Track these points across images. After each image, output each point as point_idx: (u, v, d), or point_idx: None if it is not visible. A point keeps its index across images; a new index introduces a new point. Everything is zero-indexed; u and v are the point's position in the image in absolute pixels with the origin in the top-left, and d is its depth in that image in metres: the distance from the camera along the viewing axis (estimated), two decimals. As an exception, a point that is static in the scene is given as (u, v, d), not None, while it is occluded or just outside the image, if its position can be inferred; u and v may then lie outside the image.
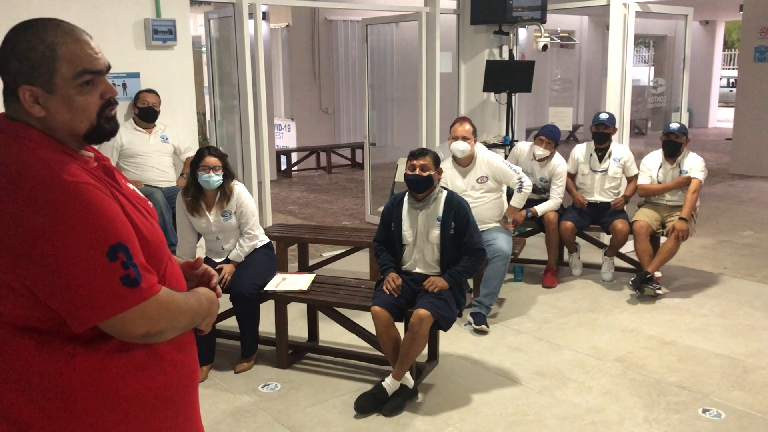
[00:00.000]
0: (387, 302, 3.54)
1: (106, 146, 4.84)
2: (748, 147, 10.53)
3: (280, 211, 8.36)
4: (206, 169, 3.81)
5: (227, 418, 3.38)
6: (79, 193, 1.28)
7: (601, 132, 5.31)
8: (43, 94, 1.37)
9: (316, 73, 11.71)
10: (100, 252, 1.27)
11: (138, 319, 1.31)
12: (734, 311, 4.76)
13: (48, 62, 1.36)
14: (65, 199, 1.27)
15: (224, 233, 3.97)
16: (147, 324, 1.33)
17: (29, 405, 1.33)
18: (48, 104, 1.37)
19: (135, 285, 1.30)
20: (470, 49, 6.90)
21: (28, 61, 1.35)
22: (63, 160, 1.33)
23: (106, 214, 1.30)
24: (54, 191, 1.27)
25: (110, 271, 1.28)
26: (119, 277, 1.28)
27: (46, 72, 1.36)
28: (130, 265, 1.30)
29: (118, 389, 1.37)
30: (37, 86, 1.36)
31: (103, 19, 4.76)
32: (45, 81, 1.36)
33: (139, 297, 1.31)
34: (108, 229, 1.29)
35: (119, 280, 1.28)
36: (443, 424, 3.32)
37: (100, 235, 1.28)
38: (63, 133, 1.40)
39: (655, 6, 6.05)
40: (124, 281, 1.29)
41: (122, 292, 1.29)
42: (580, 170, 5.45)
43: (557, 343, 4.26)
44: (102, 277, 1.27)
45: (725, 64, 24.86)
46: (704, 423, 3.30)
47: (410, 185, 3.67)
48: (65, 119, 1.39)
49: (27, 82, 1.36)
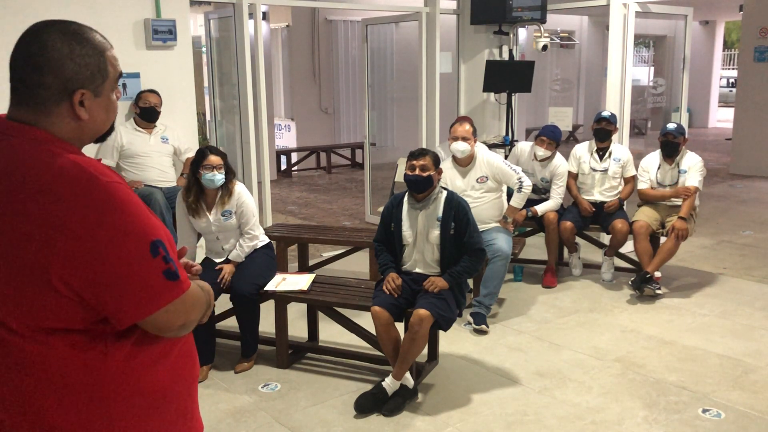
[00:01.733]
0: (387, 302, 3.54)
1: (107, 146, 4.84)
2: (748, 147, 10.53)
3: (280, 211, 8.36)
4: (209, 168, 3.81)
5: (227, 418, 3.38)
6: (117, 193, 1.30)
7: (602, 128, 5.32)
8: (90, 98, 1.38)
9: (316, 73, 11.71)
10: (144, 248, 1.30)
11: (179, 311, 1.36)
12: (734, 311, 4.76)
13: (103, 66, 1.38)
14: (106, 199, 1.28)
15: (224, 233, 3.97)
16: (185, 315, 1.38)
17: (62, 407, 1.34)
18: (92, 107, 1.39)
19: (176, 278, 1.34)
20: (470, 49, 6.91)
21: (87, 66, 1.36)
22: (91, 162, 1.34)
23: (142, 212, 1.33)
24: (95, 192, 1.28)
25: (154, 266, 1.31)
26: (162, 271, 1.32)
27: (101, 76, 1.39)
28: (169, 259, 1.33)
29: (143, 381, 1.41)
30: (89, 90, 1.37)
31: (103, 19, 4.76)
32: (97, 85, 1.39)
33: (180, 289, 1.35)
34: (147, 226, 1.32)
35: (162, 274, 1.32)
36: (443, 424, 3.32)
37: (141, 232, 1.30)
38: (90, 136, 1.43)
39: (655, 6, 6.05)
40: (167, 275, 1.33)
41: (167, 285, 1.33)
42: (581, 169, 5.45)
43: (557, 343, 4.26)
44: (148, 273, 1.31)
45: (725, 64, 24.87)
46: (704, 423, 3.30)
47: (410, 185, 3.67)
48: (102, 121, 1.43)
49: (83, 86, 1.36)
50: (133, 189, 5.27)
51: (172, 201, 4.80)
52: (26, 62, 1.34)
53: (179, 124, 5.23)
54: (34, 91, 1.34)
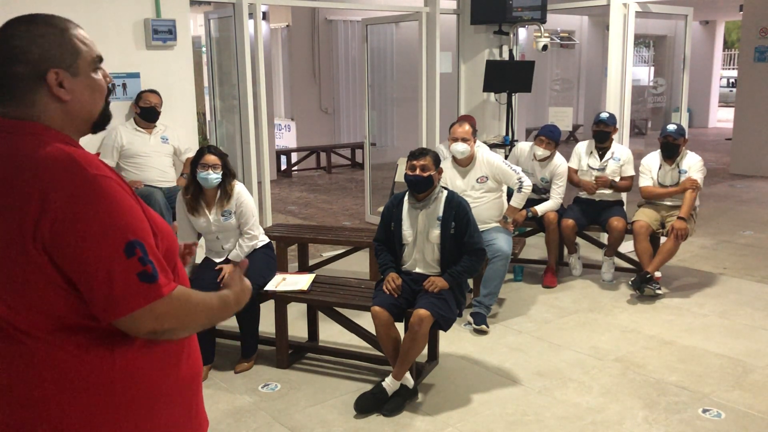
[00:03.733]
0: (387, 302, 3.54)
1: (107, 146, 4.84)
2: (748, 147, 10.52)
3: (280, 211, 8.36)
4: (205, 167, 3.81)
5: (227, 418, 3.38)
6: (101, 186, 1.28)
7: (601, 130, 5.32)
8: (68, 78, 1.37)
9: (316, 73, 11.71)
10: (117, 247, 1.27)
11: (147, 316, 1.30)
12: (734, 311, 4.76)
13: (70, 45, 1.37)
14: (89, 191, 1.27)
15: (224, 233, 3.97)
16: (154, 322, 1.32)
17: (72, 405, 1.34)
18: (72, 87, 1.38)
19: (152, 281, 1.30)
20: (470, 49, 6.90)
21: (50, 45, 1.35)
22: (85, 154, 1.34)
23: (125, 209, 1.30)
24: (79, 182, 1.28)
25: (128, 266, 1.28)
26: (136, 273, 1.28)
27: (70, 55, 1.37)
28: (147, 261, 1.29)
29: (153, 379, 1.40)
30: (62, 69, 1.36)
31: (103, 19, 4.76)
32: (69, 64, 1.37)
33: (156, 293, 1.30)
34: (126, 225, 1.29)
35: (136, 276, 1.28)
36: (443, 424, 3.32)
37: (117, 230, 1.28)
38: (82, 120, 1.42)
39: (655, 6, 6.04)
40: (141, 277, 1.29)
41: (139, 288, 1.29)
42: (580, 167, 5.46)
43: (557, 343, 4.26)
44: (120, 273, 1.27)
45: (725, 64, 24.87)
46: (704, 423, 3.30)
47: (410, 185, 3.67)
48: (87, 101, 1.41)
49: (54, 66, 1.35)
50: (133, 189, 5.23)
51: (172, 201, 4.79)
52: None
53: (179, 124, 5.23)
54: (10, 86, 1.35)
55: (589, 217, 5.40)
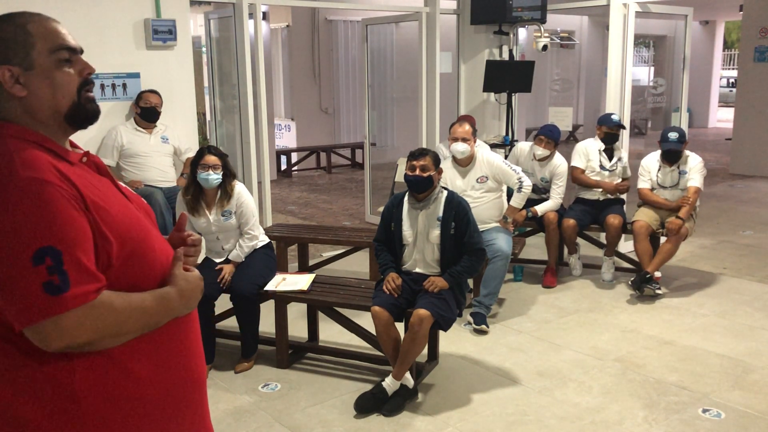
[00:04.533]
0: (387, 302, 3.54)
1: (107, 146, 4.84)
2: (748, 147, 10.52)
3: (280, 211, 8.36)
4: (205, 167, 3.81)
5: (227, 418, 3.38)
6: (26, 190, 1.22)
7: (614, 133, 5.41)
8: (23, 73, 1.35)
9: (316, 73, 11.71)
10: (24, 254, 1.19)
11: (51, 330, 1.21)
12: (734, 311, 4.76)
13: (22, 39, 1.34)
14: (8, 195, 1.22)
15: (224, 233, 3.97)
16: (63, 336, 1.22)
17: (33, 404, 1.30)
18: (28, 82, 1.35)
19: (58, 293, 1.19)
20: (470, 49, 6.90)
21: (5, 43, 1.34)
22: (33, 155, 1.28)
23: (51, 215, 1.21)
24: (3, 186, 1.23)
25: (32, 275, 1.19)
26: (41, 282, 1.19)
27: (22, 49, 1.35)
28: (56, 270, 1.19)
29: (121, 390, 1.35)
30: (14, 65, 1.34)
31: (103, 19, 4.76)
32: (22, 58, 1.35)
33: (59, 306, 1.20)
34: (41, 231, 1.20)
35: (41, 286, 1.19)
36: (443, 424, 3.32)
37: (30, 236, 1.19)
38: (46, 115, 1.37)
39: (655, 6, 6.04)
40: (46, 287, 1.19)
41: (41, 300, 1.19)
42: (590, 167, 5.47)
43: (557, 343, 4.26)
44: (22, 281, 1.19)
45: (725, 64, 24.86)
46: (704, 423, 3.30)
47: (410, 186, 3.67)
48: (47, 96, 1.36)
49: (4, 62, 1.34)
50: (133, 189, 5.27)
51: (172, 201, 4.80)
52: None
53: (179, 124, 5.23)
54: None
55: (591, 216, 5.41)
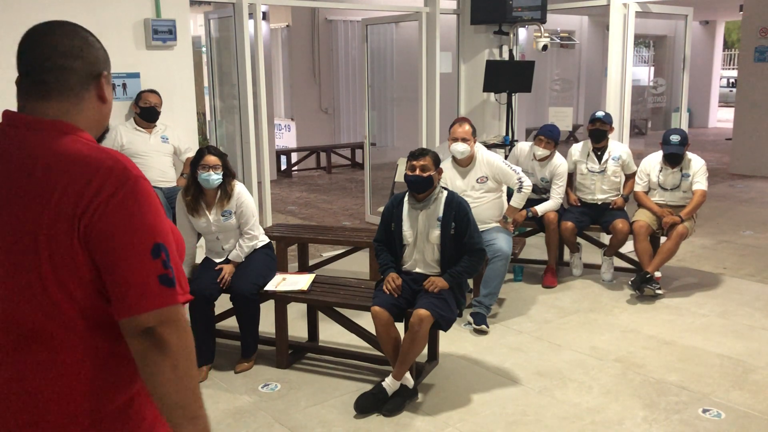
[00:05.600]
0: (387, 302, 3.54)
1: (106, 146, 4.83)
2: (748, 147, 10.52)
3: (280, 211, 8.36)
4: (206, 168, 3.81)
5: (227, 418, 3.38)
6: (141, 188, 1.34)
7: (597, 129, 5.31)
8: (107, 82, 1.49)
9: (316, 73, 11.71)
10: (146, 247, 1.31)
11: (154, 318, 1.31)
12: (734, 311, 4.76)
13: (105, 55, 1.48)
14: (131, 192, 1.32)
15: (224, 233, 3.97)
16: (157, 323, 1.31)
17: None
18: (108, 92, 1.49)
19: (171, 285, 1.32)
20: (470, 49, 6.90)
21: (98, 51, 1.45)
22: (124, 156, 1.40)
23: (157, 212, 1.35)
24: (125, 184, 1.32)
25: (152, 267, 1.31)
26: (158, 275, 1.31)
27: (106, 64, 1.49)
28: (168, 265, 1.33)
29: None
30: (107, 73, 1.48)
31: (103, 19, 4.75)
32: (109, 71, 1.50)
33: (172, 298, 1.32)
34: (156, 227, 1.33)
35: (157, 278, 1.31)
36: (443, 424, 3.32)
37: (149, 231, 1.32)
38: (102, 125, 1.51)
39: (655, 6, 6.05)
40: (162, 280, 1.31)
41: (158, 290, 1.31)
42: (579, 170, 5.44)
43: (557, 343, 4.26)
44: (143, 272, 1.30)
45: (725, 64, 24.87)
46: (704, 423, 3.30)
47: (410, 186, 3.67)
48: (111, 108, 1.52)
49: (105, 69, 1.47)
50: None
51: (172, 201, 4.79)
52: (51, 53, 1.39)
53: (179, 124, 5.23)
54: (63, 79, 1.40)
55: (590, 217, 5.40)
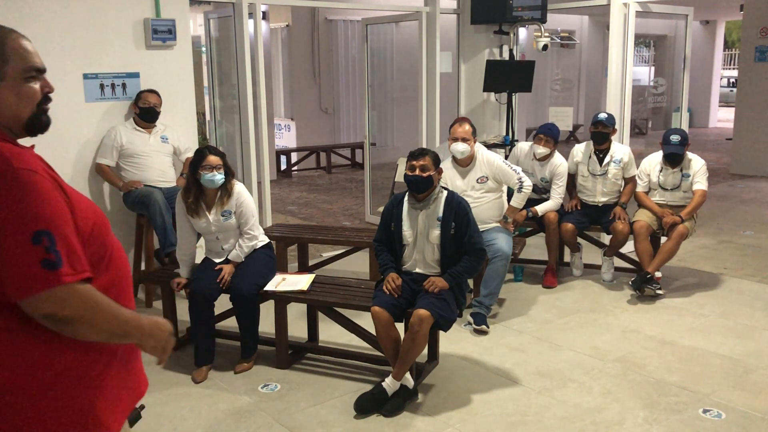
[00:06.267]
0: (387, 302, 3.53)
1: (106, 146, 4.83)
2: (748, 147, 10.52)
3: (280, 211, 8.35)
4: (209, 168, 3.80)
5: (227, 418, 3.38)
6: (22, 179, 1.41)
7: (599, 132, 5.29)
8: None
9: (316, 73, 11.71)
10: (25, 235, 1.39)
11: (46, 300, 1.40)
12: (734, 311, 4.76)
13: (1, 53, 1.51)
14: (7, 183, 1.41)
15: (224, 233, 3.97)
16: (53, 306, 1.41)
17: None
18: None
19: (54, 268, 1.40)
20: (470, 49, 6.90)
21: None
22: (17, 150, 1.48)
23: (42, 201, 1.42)
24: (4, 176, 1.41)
25: (32, 253, 1.39)
26: (39, 259, 1.40)
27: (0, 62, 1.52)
28: (52, 250, 1.40)
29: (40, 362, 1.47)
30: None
31: (103, 19, 4.75)
32: None
33: (56, 280, 1.40)
34: (38, 216, 1.41)
35: (39, 263, 1.40)
36: (443, 424, 3.32)
37: (29, 219, 1.40)
38: (7, 120, 1.55)
39: (655, 6, 6.04)
40: (43, 263, 1.40)
41: (40, 273, 1.40)
42: (580, 171, 5.43)
43: (557, 343, 4.26)
44: (23, 258, 1.39)
45: (725, 64, 24.87)
46: (704, 423, 3.29)
47: (410, 186, 3.67)
48: (12, 104, 1.54)
49: None
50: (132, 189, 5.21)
51: (171, 201, 4.78)
52: None
53: (179, 124, 5.23)
54: None
55: (590, 218, 5.39)
